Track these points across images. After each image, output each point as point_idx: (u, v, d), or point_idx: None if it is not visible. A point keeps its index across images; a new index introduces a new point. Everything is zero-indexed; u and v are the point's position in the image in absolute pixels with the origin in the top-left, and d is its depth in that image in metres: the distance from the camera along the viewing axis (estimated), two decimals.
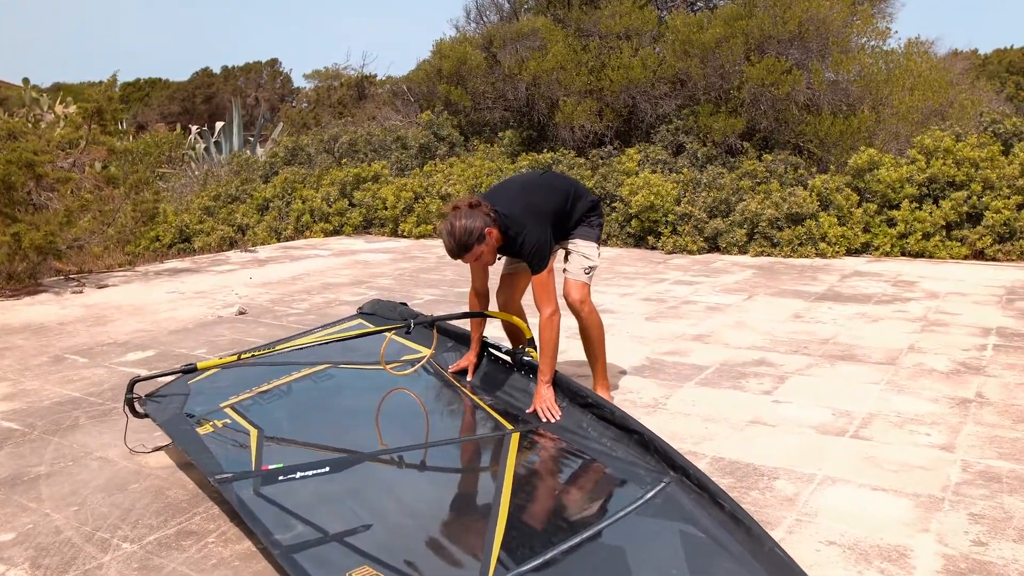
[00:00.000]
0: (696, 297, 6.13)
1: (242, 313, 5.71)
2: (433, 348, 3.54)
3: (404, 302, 4.11)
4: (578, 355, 4.14)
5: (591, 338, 3.47)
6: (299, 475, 2.54)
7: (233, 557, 2.39)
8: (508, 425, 2.99)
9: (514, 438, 2.87)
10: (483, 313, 3.41)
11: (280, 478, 2.52)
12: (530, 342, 3.43)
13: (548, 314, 3.11)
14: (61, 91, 18.61)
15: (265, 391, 3.25)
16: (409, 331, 3.42)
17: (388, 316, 3.93)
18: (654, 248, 8.73)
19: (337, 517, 2.35)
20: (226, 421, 2.96)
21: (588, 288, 3.43)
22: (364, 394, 3.34)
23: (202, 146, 16.86)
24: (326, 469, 2.60)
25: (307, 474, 2.55)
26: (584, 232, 3.42)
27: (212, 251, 9.89)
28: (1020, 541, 2.42)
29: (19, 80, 13.72)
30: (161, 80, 35.61)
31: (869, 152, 8.51)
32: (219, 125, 17.97)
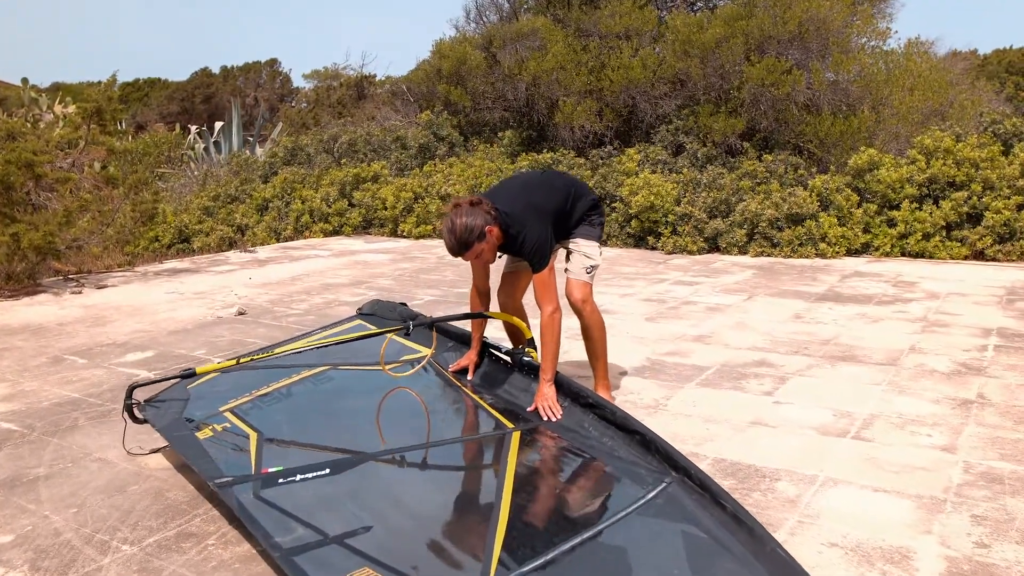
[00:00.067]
0: (696, 298, 6.12)
1: (241, 314, 5.70)
2: (433, 348, 3.53)
3: (404, 302, 4.10)
4: (579, 356, 4.14)
5: (593, 338, 3.47)
6: (299, 477, 2.53)
7: (233, 559, 2.38)
8: (509, 424, 2.98)
9: (515, 437, 2.86)
10: (483, 314, 3.40)
11: (280, 481, 2.51)
12: (530, 342, 3.42)
13: (549, 312, 3.10)
14: (60, 91, 18.60)
15: (264, 394, 3.24)
16: (408, 333, 3.41)
17: (388, 317, 3.92)
18: (654, 248, 8.72)
19: (337, 519, 2.34)
20: (225, 425, 2.95)
21: (590, 287, 3.42)
22: (364, 395, 3.33)
23: (201, 146, 16.85)
24: (326, 471, 2.59)
25: (307, 476, 2.54)
26: (585, 231, 3.42)
27: (211, 251, 9.88)
28: (1023, 543, 2.42)
29: (18, 80, 13.71)
30: (160, 80, 35.61)
31: (869, 152, 8.51)
32: (218, 125, 17.96)
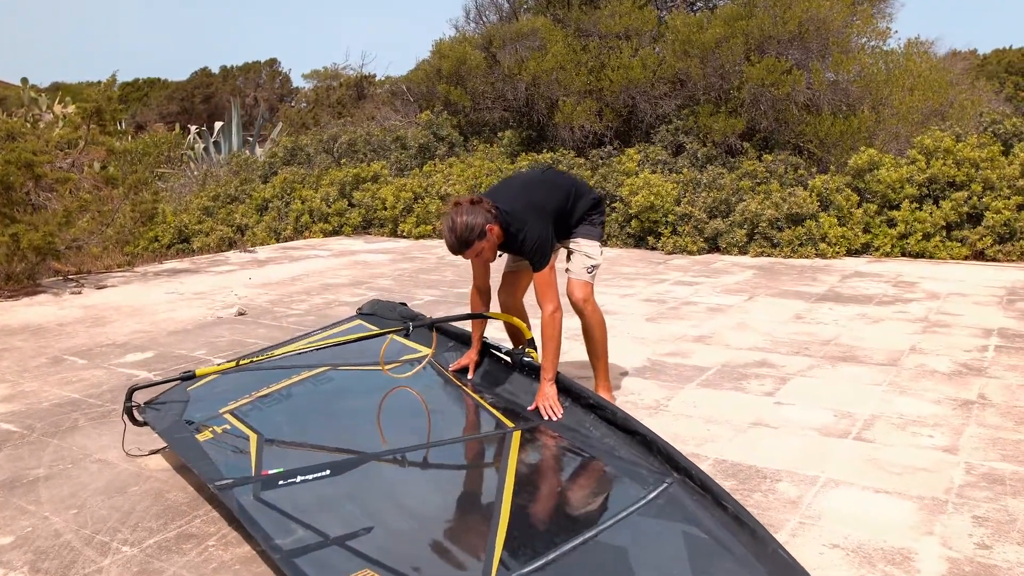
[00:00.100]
0: (697, 298, 6.11)
1: (241, 314, 5.69)
2: (433, 348, 3.52)
3: (403, 302, 4.10)
4: (579, 356, 4.13)
5: (594, 338, 3.47)
6: (299, 479, 2.52)
7: (234, 560, 2.37)
8: (509, 423, 2.98)
9: (516, 436, 2.86)
10: (483, 315, 3.40)
11: (280, 483, 2.50)
12: (530, 342, 3.42)
13: (550, 311, 3.10)
14: (60, 91, 18.60)
15: (264, 395, 3.23)
16: (408, 334, 3.41)
17: (387, 317, 3.91)
18: (654, 248, 8.71)
19: (338, 520, 2.34)
20: (225, 427, 2.94)
21: (591, 287, 3.42)
22: (364, 395, 3.32)
23: (201, 146, 16.84)
24: (327, 472, 2.59)
25: (307, 478, 2.53)
26: (586, 231, 3.42)
27: (211, 251, 9.88)
28: None
29: (18, 80, 13.71)
30: (160, 80, 35.61)
31: (869, 152, 8.51)
32: (218, 125, 17.95)
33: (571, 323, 3.99)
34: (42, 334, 5.19)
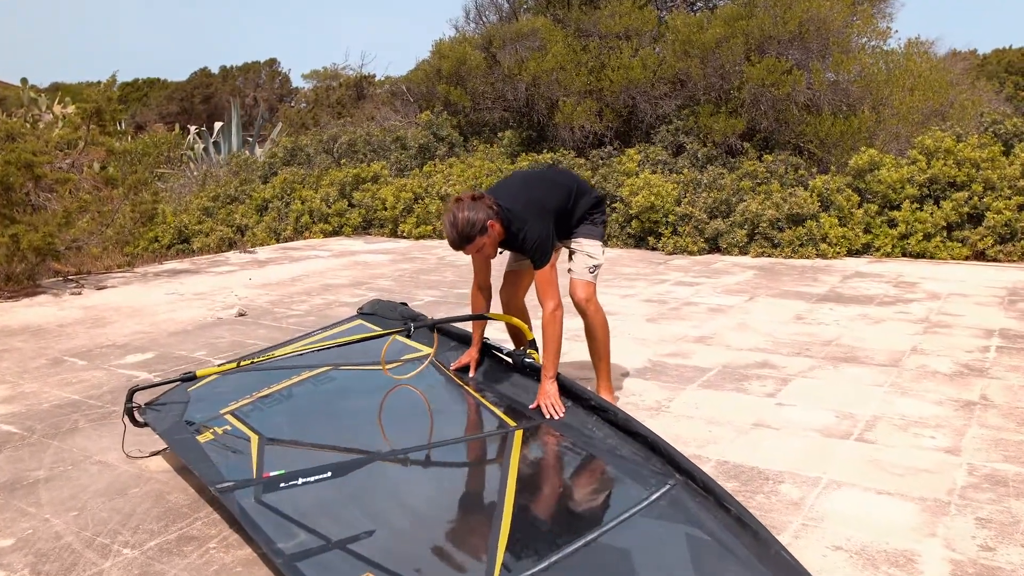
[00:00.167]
0: (697, 298, 6.11)
1: (242, 315, 5.68)
2: (434, 348, 3.52)
3: (404, 302, 4.09)
4: (580, 356, 4.12)
5: (596, 338, 3.46)
6: (301, 481, 2.51)
7: (235, 563, 2.37)
8: (511, 422, 2.97)
9: (517, 435, 2.86)
10: (484, 316, 3.39)
11: (282, 485, 2.50)
12: (531, 343, 3.41)
13: (551, 309, 3.10)
14: (59, 91, 18.60)
15: (265, 396, 3.22)
16: (409, 335, 3.40)
17: (388, 316, 3.91)
18: (654, 249, 8.71)
19: (340, 523, 2.33)
20: (226, 428, 2.93)
21: (593, 287, 3.42)
22: (366, 395, 3.31)
23: (201, 146, 16.84)
24: (328, 474, 2.58)
25: (309, 480, 2.52)
26: (588, 231, 3.41)
27: (211, 252, 9.87)
28: None
29: (17, 80, 13.70)
30: (159, 80, 35.61)
31: (870, 152, 8.50)
32: (218, 125, 17.94)
33: (572, 323, 3.98)
34: (42, 335, 5.18)
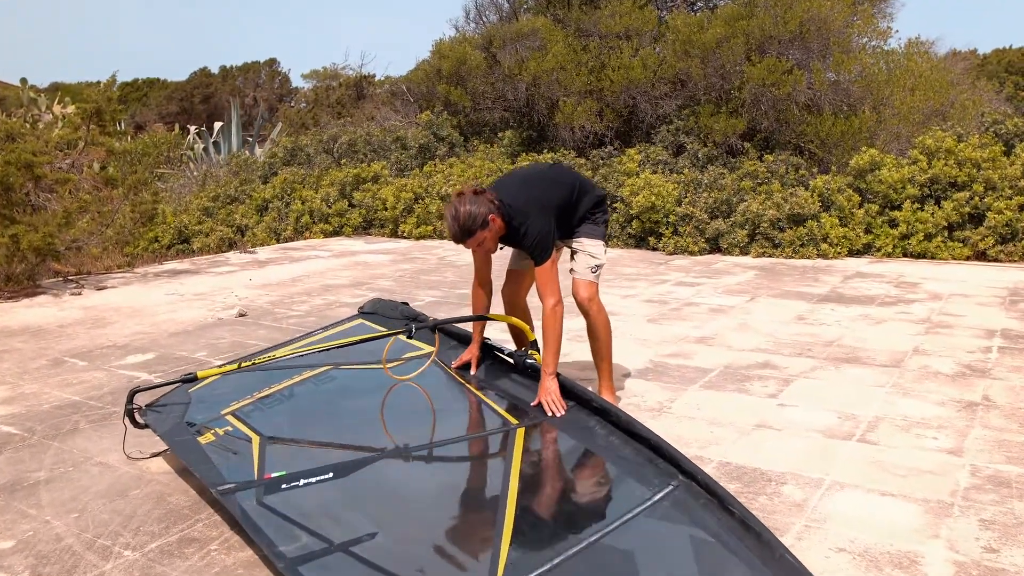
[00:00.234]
0: (698, 299, 6.10)
1: (242, 315, 5.68)
2: (436, 347, 3.51)
3: (405, 302, 4.08)
4: (582, 357, 4.12)
5: (598, 337, 3.45)
6: (302, 482, 2.50)
7: (236, 565, 2.36)
8: (513, 420, 2.96)
9: (519, 433, 2.85)
10: (485, 316, 3.39)
11: (283, 486, 2.49)
12: (532, 344, 3.41)
13: (551, 305, 3.10)
14: (59, 91, 18.59)
15: (266, 396, 3.21)
16: (411, 336, 3.40)
17: (389, 315, 3.90)
18: (655, 249, 8.70)
19: (342, 525, 2.32)
20: (227, 429, 2.92)
21: (596, 287, 3.41)
22: (367, 395, 3.30)
23: (200, 146, 16.83)
24: (330, 475, 2.57)
25: (310, 481, 2.51)
26: (589, 230, 3.41)
27: (211, 252, 9.86)
28: None
29: (17, 80, 13.69)
30: (159, 80, 35.60)
31: (870, 152, 8.49)
32: (217, 125, 17.94)
33: (573, 324, 3.98)
34: (42, 335, 5.17)
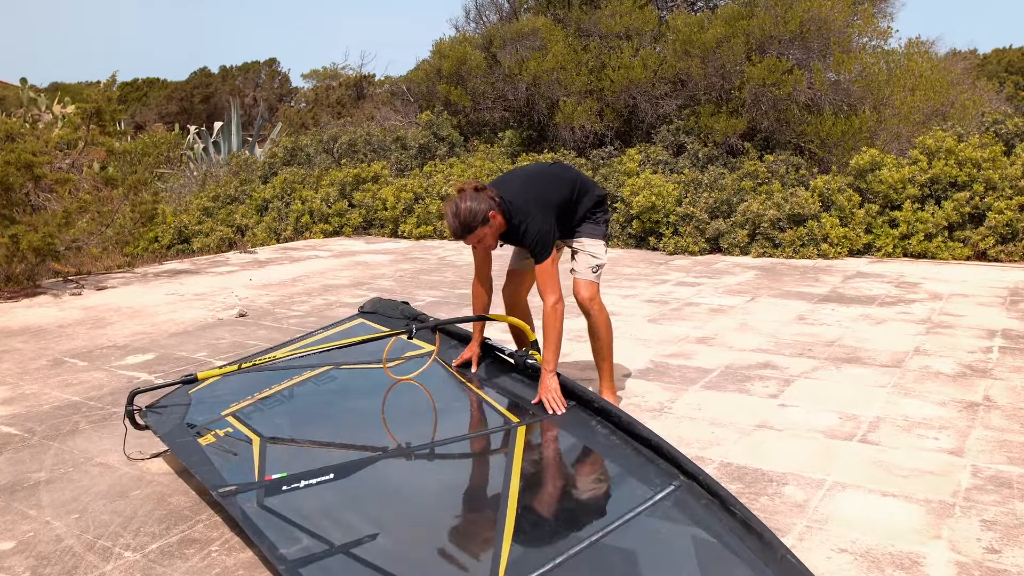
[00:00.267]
0: (699, 299, 6.10)
1: (242, 315, 5.67)
2: (437, 346, 3.50)
3: (406, 301, 4.08)
4: (582, 357, 4.12)
5: (599, 337, 3.45)
6: (303, 484, 2.50)
7: (237, 566, 2.35)
8: (514, 419, 2.96)
9: (520, 431, 2.84)
10: (485, 316, 3.38)
11: (284, 488, 2.48)
12: (533, 344, 3.40)
13: (552, 303, 3.10)
14: (59, 91, 18.59)
15: (267, 397, 3.21)
16: (411, 337, 3.39)
17: (390, 315, 3.90)
18: (655, 249, 8.70)
19: (343, 526, 2.32)
20: (228, 430, 2.92)
21: (597, 287, 3.41)
22: (367, 394, 3.30)
23: (200, 146, 16.82)
24: (330, 476, 2.56)
25: (311, 482, 2.51)
26: (590, 230, 3.41)
27: (211, 252, 9.85)
28: None
29: (17, 80, 13.69)
30: (159, 80, 35.54)
31: (871, 152, 8.49)
32: (217, 125, 17.93)
33: (573, 324, 3.97)
34: (42, 336, 5.17)
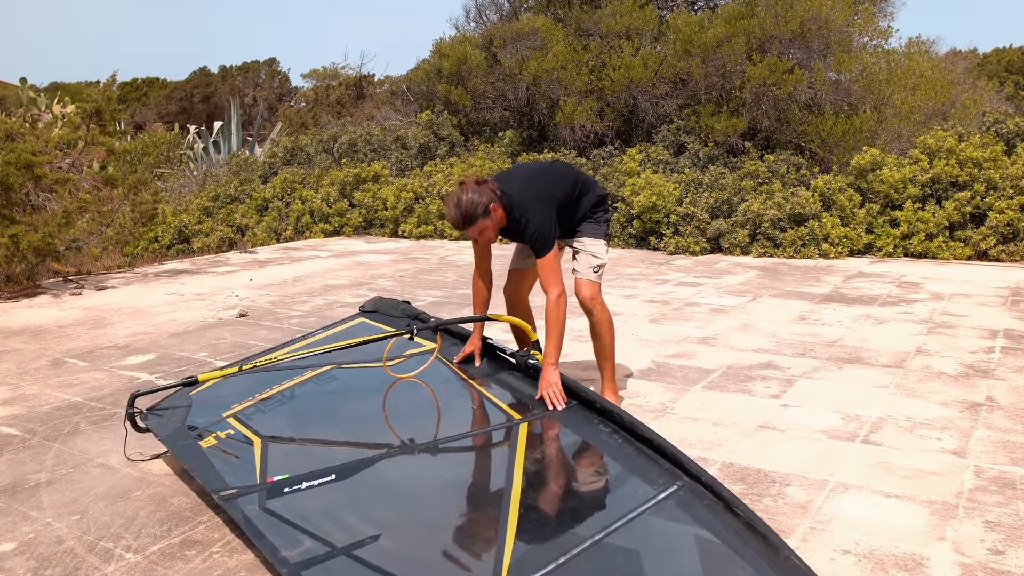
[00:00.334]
0: (700, 299, 6.09)
1: (243, 315, 5.66)
2: (438, 345, 3.50)
3: (407, 300, 4.07)
4: (584, 357, 4.11)
5: (601, 337, 3.44)
6: (305, 485, 2.49)
7: (239, 567, 2.35)
8: (516, 415, 2.95)
9: (523, 429, 2.84)
10: (487, 317, 3.37)
11: (286, 490, 2.47)
12: (535, 344, 3.40)
13: (555, 296, 3.10)
14: (59, 91, 18.57)
15: (268, 397, 3.20)
16: (412, 338, 3.38)
17: (391, 314, 3.89)
18: (656, 249, 8.69)
19: (345, 528, 2.31)
20: (229, 432, 2.91)
21: (598, 286, 3.41)
22: (369, 393, 3.29)
23: (200, 146, 16.81)
24: (332, 477, 2.55)
25: (313, 484, 2.50)
26: (591, 230, 3.40)
27: (211, 252, 9.84)
28: None
29: (17, 80, 13.67)
30: (159, 80, 35.53)
31: (871, 152, 8.48)
32: (217, 125, 17.93)
33: (575, 324, 3.96)
34: (42, 336, 5.16)
